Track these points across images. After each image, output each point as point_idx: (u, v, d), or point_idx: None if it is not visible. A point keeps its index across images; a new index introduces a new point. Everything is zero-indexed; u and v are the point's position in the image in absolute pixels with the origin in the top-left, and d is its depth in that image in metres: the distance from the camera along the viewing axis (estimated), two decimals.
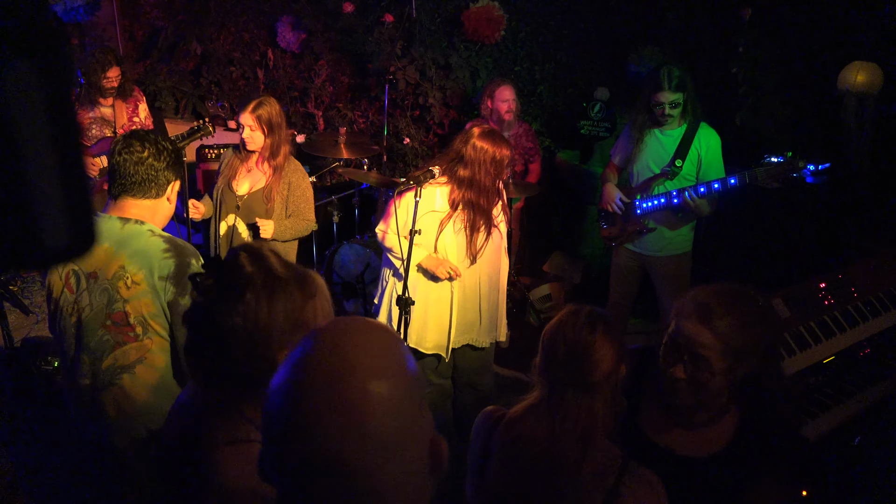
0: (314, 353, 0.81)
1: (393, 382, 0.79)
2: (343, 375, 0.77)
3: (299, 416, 0.77)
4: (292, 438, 0.77)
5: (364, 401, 0.76)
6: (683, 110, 3.29)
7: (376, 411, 0.76)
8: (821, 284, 2.72)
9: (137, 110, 4.23)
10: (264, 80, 5.75)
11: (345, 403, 0.76)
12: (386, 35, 5.15)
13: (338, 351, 0.80)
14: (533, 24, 5.03)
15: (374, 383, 0.78)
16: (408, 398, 0.81)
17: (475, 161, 2.68)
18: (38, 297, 4.60)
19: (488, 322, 2.99)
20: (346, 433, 0.75)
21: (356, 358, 0.80)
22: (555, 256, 4.95)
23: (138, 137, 1.98)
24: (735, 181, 3.10)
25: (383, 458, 0.77)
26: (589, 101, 4.83)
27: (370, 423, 0.76)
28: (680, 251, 3.52)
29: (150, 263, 1.90)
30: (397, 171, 5.49)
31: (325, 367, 0.79)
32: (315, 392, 0.77)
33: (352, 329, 0.85)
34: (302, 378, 0.79)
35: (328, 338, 0.83)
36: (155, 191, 1.97)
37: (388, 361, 0.82)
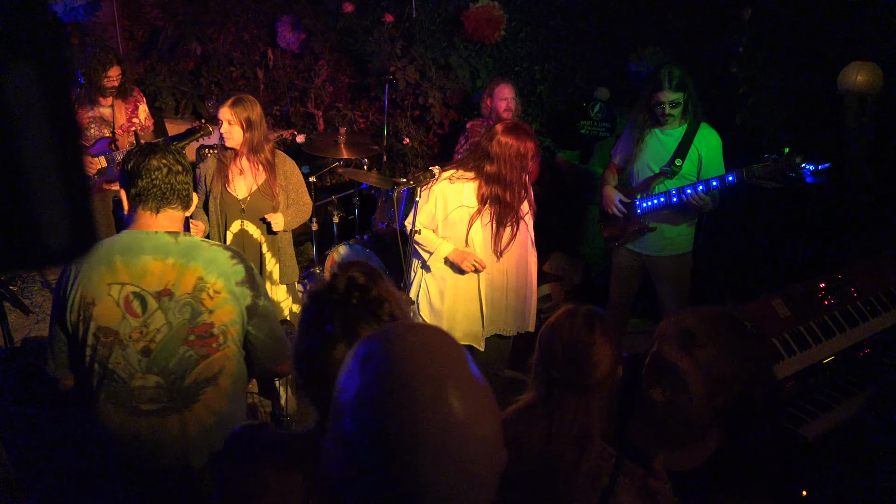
0: (394, 370, 0.76)
1: (473, 400, 0.76)
2: (428, 400, 0.73)
3: (389, 439, 0.72)
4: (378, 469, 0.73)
5: (452, 425, 0.73)
6: (684, 110, 3.29)
7: (463, 435, 0.73)
8: (821, 284, 2.72)
9: (137, 111, 4.23)
10: (264, 80, 5.75)
11: (433, 430, 0.72)
12: (386, 35, 5.15)
13: (419, 366, 0.76)
14: (533, 24, 5.03)
15: (457, 403, 0.74)
16: (489, 413, 0.78)
17: (500, 157, 2.75)
18: (38, 297, 4.60)
19: (515, 312, 3.06)
20: (439, 460, 0.72)
21: (437, 377, 0.75)
22: (555, 256, 4.95)
23: (171, 151, 1.94)
24: (733, 178, 3.11)
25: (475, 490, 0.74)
26: (589, 101, 4.83)
27: (457, 449, 0.72)
28: (680, 251, 3.52)
29: (225, 271, 1.87)
30: (397, 171, 5.49)
31: (412, 384, 0.74)
32: (399, 422, 0.73)
33: (421, 344, 0.80)
34: (380, 412, 0.74)
35: (402, 350, 0.78)
36: (188, 202, 1.95)
37: (466, 377, 0.78)
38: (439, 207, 2.90)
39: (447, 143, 5.22)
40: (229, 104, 3.08)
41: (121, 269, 1.82)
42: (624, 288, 3.76)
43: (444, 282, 2.96)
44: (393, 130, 5.40)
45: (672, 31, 4.57)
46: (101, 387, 1.84)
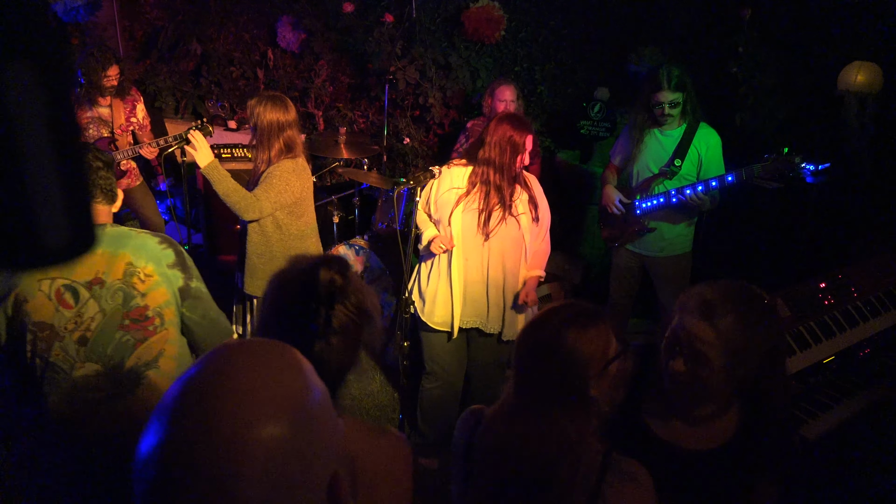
0: (194, 396, 0.72)
1: (284, 423, 0.70)
2: (224, 423, 0.68)
3: (164, 480, 0.68)
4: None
5: (248, 448, 0.68)
6: (683, 110, 3.29)
7: (259, 459, 0.68)
8: (821, 284, 2.72)
9: (135, 110, 4.23)
10: (264, 80, 5.75)
11: (225, 455, 0.67)
12: (386, 35, 5.15)
13: (220, 391, 0.71)
14: (533, 24, 5.04)
15: (254, 430, 0.68)
16: (302, 438, 0.72)
17: (492, 141, 2.78)
18: None
19: (497, 307, 2.99)
20: (227, 484, 0.67)
21: (239, 400, 0.70)
22: (555, 256, 4.95)
23: (89, 148, 2.08)
24: (732, 178, 3.11)
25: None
26: (589, 101, 4.83)
27: (251, 474, 0.67)
28: (680, 251, 3.52)
29: (155, 255, 1.97)
30: (397, 171, 5.49)
31: (203, 412, 0.69)
32: (190, 440, 0.68)
33: (241, 363, 0.75)
34: (177, 427, 0.70)
35: (212, 375, 0.74)
36: (112, 197, 2.06)
37: (282, 399, 0.72)
38: (433, 190, 2.95)
39: (447, 143, 5.22)
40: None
41: None
42: (624, 288, 3.76)
43: (430, 265, 3.00)
44: (393, 130, 5.40)
45: (672, 31, 4.57)
46: (43, 379, 1.90)
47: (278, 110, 3.03)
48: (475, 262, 2.92)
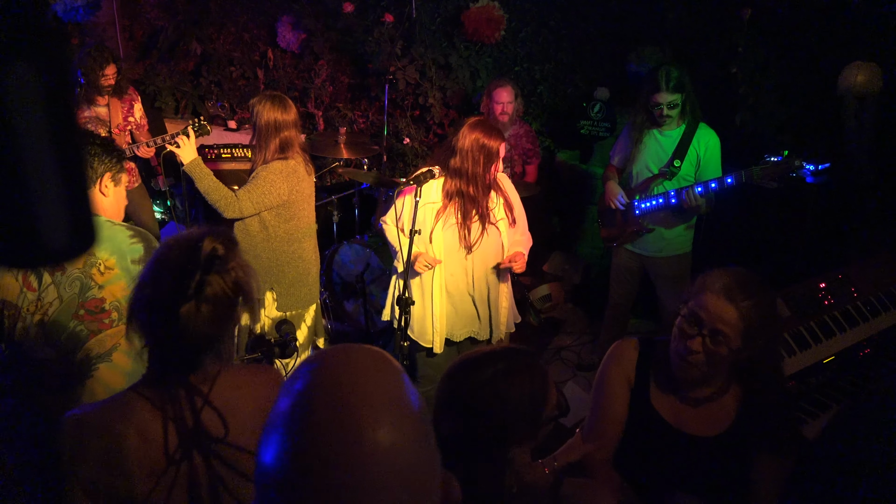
0: (310, 409, 0.73)
1: (399, 427, 0.73)
2: (345, 431, 0.71)
3: (300, 479, 0.70)
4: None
5: (371, 454, 0.70)
6: (682, 111, 3.29)
7: (384, 464, 0.70)
8: (821, 284, 2.72)
9: (132, 109, 4.22)
10: (264, 80, 5.74)
11: (351, 462, 0.70)
12: (386, 35, 5.15)
13: (336, 402, 0.73)
14: (533, 24, 5.03)
15: (380, 432, 0.71)
16: (417, 440, 0.74)
17: (463, 149, 2.71)
18: None
19: (486, 316, 2.99)
20: (358, 494, 0.69)
21: (356, 407, 0.72)
22: (555, 256, 4.96)
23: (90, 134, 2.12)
24: (732, 180, 3.11)
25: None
26: (589, 101, 4.83)
27: (380, 479, 0.70)
28: (680, 252, 3.52)
29: (120, 248, 1.98)
30: (397, 171, 5.49)
31: (324, 424, 0.72)
32: (316, 453, 0.71)
33: (347, 371, 0.77)
34: (300, 439, 0.72)
35: (324, 385, 0.75)
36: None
37: (392, 403, 0.74)
38: (407, 206, 2.85)
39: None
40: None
41: None
42: (624, 288, 3.76)
43: (419, 281, 2.94)
44: (393, 130, 5.40)
45: (672, 31, 4.57)
46: (12, 360, 1.96)
47: (277, 110, 3.01)
48: (459, 277, 2.89)
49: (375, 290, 4.18)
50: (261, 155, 3.05)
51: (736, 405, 1.71)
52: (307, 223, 3.25)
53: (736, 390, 1.72)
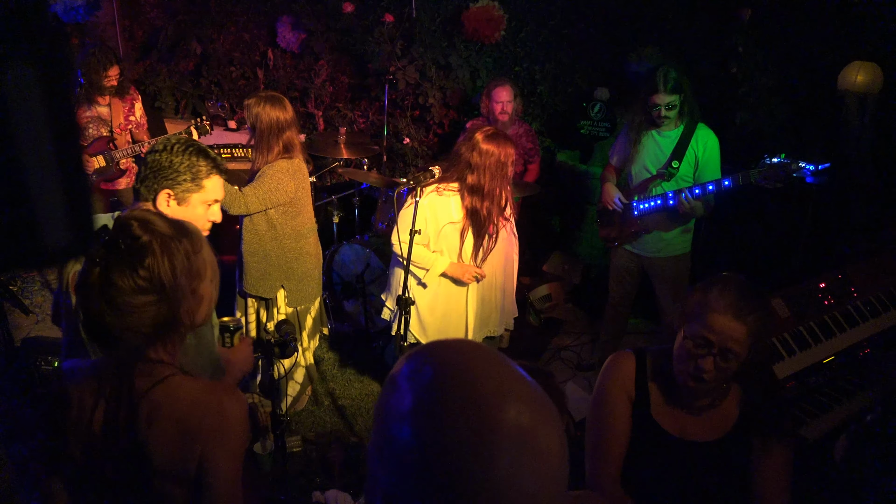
0: (443, 398, 0.73)
1: (533, 408, 0.74)
2: (481, 414, 0.71)
3: (436, 453, 0.70)
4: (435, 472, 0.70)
5: (509, 435, 0.71)
6: (680, 112, 3.29)
7: (523, 444, 0.71)
8: (821, 284, 2.72)
9: (133, 109, 4.23)
10: (264, 80, 5.74)
11: (487, 444, 0.70)
12: (386, 35, 5.15)
13: (466, 387, 0.74)
14: (533, 24, 5.03)
15: (512, 413, 0.72)
16: (551, 420, 0.74)
17: (481, 166, 2.74)
18: (38, 297, 4.60)
19: (502, 311, 3.09)
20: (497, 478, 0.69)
21: (488, 390, 0.73)
22: (554, 256, 4.95)
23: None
24: (729, 183, 3.12)
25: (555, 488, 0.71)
26: (589, 101, 4.83)
27: (519, 459, 0.70)
28: (678, 252, 3.52)
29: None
30: (397, 171, 5.49)
31: (459, 411, 0.72)
32: (454, 439, 0.70)
33: (467, 359, 0.78)
34: (435, 429, 0.71)
35: (450, 374, 0.75)
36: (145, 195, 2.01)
37: (521, 386, 0.75)
38: (430, 222, 2.87)
39: (447, 143, 5.22)
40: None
41: None
42: (623, 288, 3.76)
43: (437, 296, 2.97)
44: (393, 130, 5.40)
45: (672, 31, 4.57)
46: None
47: (277, 110, 3.03)
48: (487, 282, 3.00)
49: (375, 290, 4.18)
50: (264, 156, 3.07)
51: (736, 406, 1.72)
52: (310, 219, 3.31)
53: (735, 391, 1.73)
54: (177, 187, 1.93)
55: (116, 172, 4.20)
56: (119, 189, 4.31)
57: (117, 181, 4.25)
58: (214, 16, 5.74)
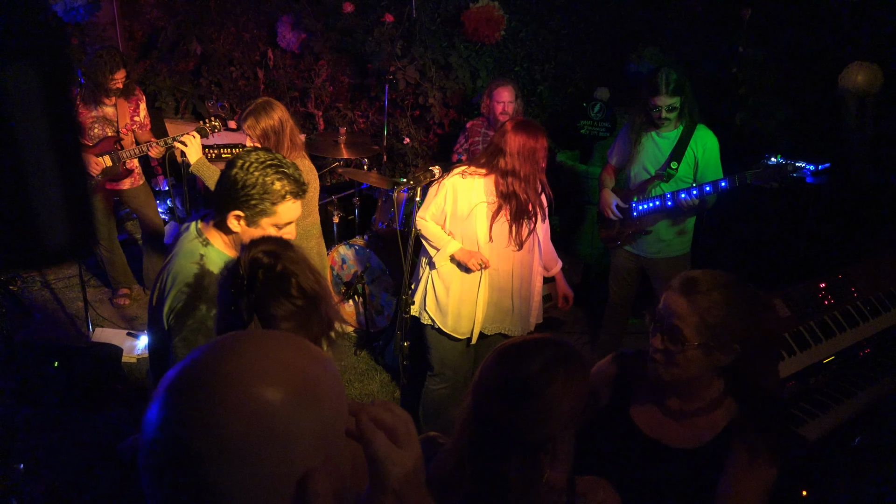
0: (198, 357, 0.73)
1: (287, 393, 0.70)
2: (216, 381, 0.69)
3: (169, 423, 0.69)
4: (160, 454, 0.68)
5: (232, 401, 0.68)
6: (680, 113, 3.29)
7: (242, 415, 0.67)
8: (821, 284, 2.72)
9: (138, 109, 4.23)
10: (264, 80, 5.74)
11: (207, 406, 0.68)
12: (386, 35, 5.15)
13: (225, 356, 0.72)
14: (533, 24, 5.03)
15: (264, 388, 0.69)
16: (300, 414, 0.70)
17: (513, 152, 2.76)
18: (38, 297, 4.60)
19: (520, 311, 3.04)
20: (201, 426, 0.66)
21: (243, 362, 0.71)
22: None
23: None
24: (726, 184, 3.13)
25: (232, 464, 0.67)
26: (589, 101, 4.83)
27: (227, 422, 0.67)
28: (678, 253, 3.52)
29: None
30: (397, 171, 5.49)
31: (197, 375, 0.71)
32: (183, 396, 0.69)
33: (249, 337, 0.78)
34: (176, 381, 0.71)
35: (219, 344, 0.75)
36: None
37: (285, 370, 0.72)
38: (448, 201, 2.89)
39: (447, 143, 5.22)
40: (243, 122, 3.12)
41: None
42: (623, 289, 3.76)
43: (451, 279, 2.96)
44: (393, 130, 5.40)
45: (672, 31, 4.57)
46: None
47: (264, 117, 3.09)
48: (504, 272, 2.96)
49: (375, 290, 4.18)
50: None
51: (725, 420, 1.59)
52: (318, 219, 3.36)
53: (730, 406, 1.61)
54: (247, 210, 1.78)
55: (123, 172, 4.21)
56: (123, 189, 4.31)
57: (122, 181, 4.26)
58: (214, 16, 5.74)
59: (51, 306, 4.51)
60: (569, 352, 1.33)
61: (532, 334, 1.46)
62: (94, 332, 4.10)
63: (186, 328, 1.73)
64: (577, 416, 1.29)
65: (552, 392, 1.26)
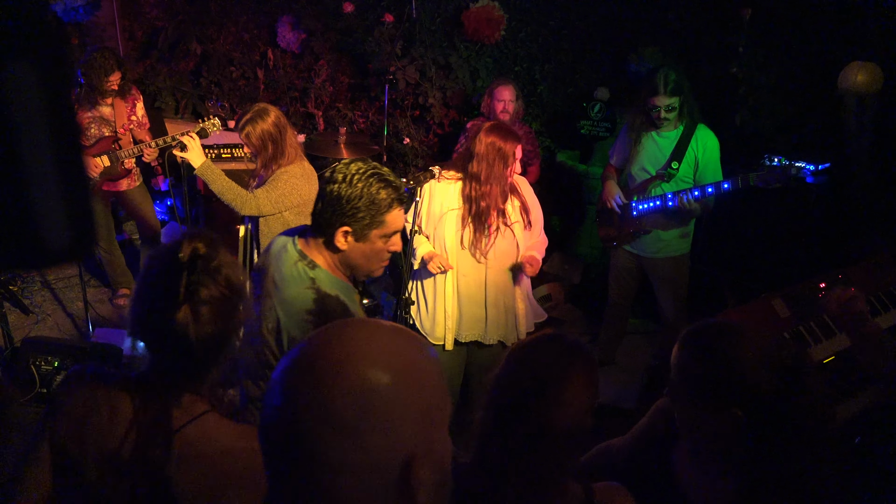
0: (308, 344, 0.79)
1: (393, 377, 0.75)
2: (333, 363, 0.75)
3: (286, 405, 0.75)
4: (280, 432, 0.75)
5: (338, 383, 0.73)
6: (680, 113, 3.30)
7: (348, 395, 0.73)
8: (821, 284, 2.71)
9: (135, 109, 4.23)
10: (264, 80, 5.74)
11: (323, 383, 0.74)
12: (386, 35, 5.15)
13: (334, 342, 0.78)
14: (533, 24, 5.03)
15: (372, 371, 0.74)
16: (405, 397, 0.75)
17: (482, 155, 2.71)
18: (38, 297, 4.60)
19: (496, 321, 2.96)
20: (313, 405, 0.73)
21: (351, 348, 0.76)
22: (554, 256, 4.95)
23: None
24: (728, 186, 3.13)
25: (342, 441, 0.72)
26: (589, 101, 4.83)
27: (339, 402, 0.72)
28: (678, 253, 3.52)
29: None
30: (397, 171, 5.49)
31: (316, 356, 0.77)
32: (302, 378, 0.75)
33: (355, 324, 0.83)
34: (290, 367, 0.77)
35: (327, 332, 0.81)
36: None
37: (391, 356, 0.77)
38: (424, 204, 2.86)
39: (447, 143, 5.22)
40: (239, 130, 3.12)
41: None
42: (623, 288, 3.76)
43: (427, 282, 2.95)
44: (393, 130, 5.40)
45: (672, 31, 4.57)
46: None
47: (260, 121, 3.07)
48: (473, 279, 2.89)
49: (375, 290, 4.18)
50: (277, 161, 3.13)
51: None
52: None
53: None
54: (355, 224, 1.75)
55: (122, 172, 4.20)
56: (120, 190, 4.31)
57: (119, 182, 4.25)
58: (214, 16, 5.74)
59: (51, 306, 4.51)
60: (575, 344, 1.35)
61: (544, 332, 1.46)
62: (94, 332, 4.10)
63: None
64: (590, 407, 1.31)
65: (564, 382, 1.28)
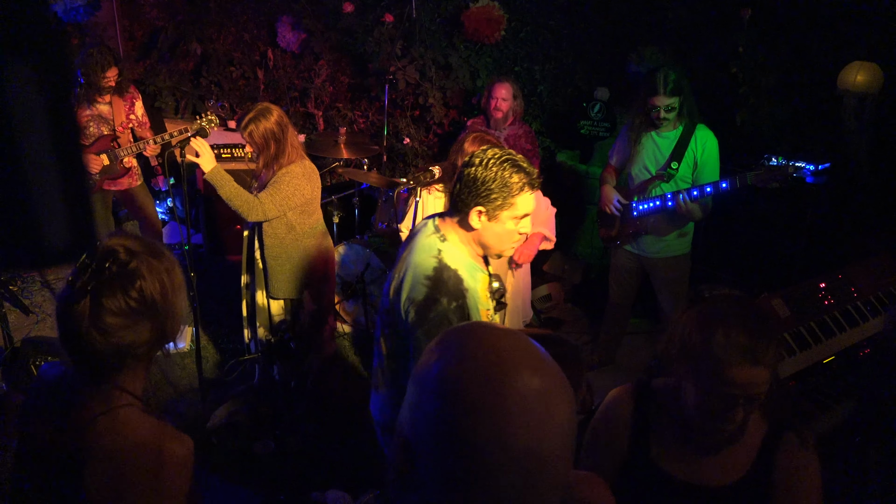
0: (467, 351, 0.80)
1: (549, 379, 0.78)
2: (493, 380, 0.77)
3: (456, 413, 0.76)
4: (448, 437, 0.76)
5: (522, 398, 0.76)
6: (679, 113, 3.29)
7: (515, 399, 0.75)
8: (821, 284, 2.72)
9: (134, 107, 4.23)
10: (264, 80, 5.74)
11: (505, 398, 0.75)
12: (386, 35, 5.15)
13: (491, 348, 0.80)
14: (533, 24, 5.04)
15: (534, 379, 0.77)
16: (562, 387, 0.79)
17: (458, 164, 2.71)
18: (38, 297, 4.60)
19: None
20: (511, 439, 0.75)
21: (512, 353, 0.79)
22: (554, 256, 4.95)
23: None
24: (727, 185, 3.12)
25: (500, 443, 0.74)
26: (589, 101, 4.83)
27: (496, 404, 0.75)
28: (678, 253, 3.52)
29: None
30: (397, 171, 5.49)
31: (479, 363, 0.78)
32: (472, 387, 0.77)
33: (500, 331, 0.85)
34: (457, 374, 0.78)
35: (477, 336, 0.82)
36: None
37: (536, 359, 0.80)
38: (419, 217, 2.91)
39: (447, 143, 5.22)
40: (242, 128, 3.10)
41: None
42: (623, 288, 3.76)
43: None
44: (393, 130, 5.40)
45: (672, 31, 4.57)
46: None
47: (262, 120, 3.06)
48: None
49: (375, 290, 4.18)
50: (279, 161, 3.11)
51: (759, 437, 1.52)
52: (320, 217, 3.37)
53: (757, 421, 1.53)
54: (488, 204, 1.89)
55: (121, 171, 4.20)
56: (121, 190, 4.31)
57: (119, 181, 4.25)
58: (214, 16, 5.74)
59: (51, 306, 4.51)
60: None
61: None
62: None
63: (429, 321, 1.85)
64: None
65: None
